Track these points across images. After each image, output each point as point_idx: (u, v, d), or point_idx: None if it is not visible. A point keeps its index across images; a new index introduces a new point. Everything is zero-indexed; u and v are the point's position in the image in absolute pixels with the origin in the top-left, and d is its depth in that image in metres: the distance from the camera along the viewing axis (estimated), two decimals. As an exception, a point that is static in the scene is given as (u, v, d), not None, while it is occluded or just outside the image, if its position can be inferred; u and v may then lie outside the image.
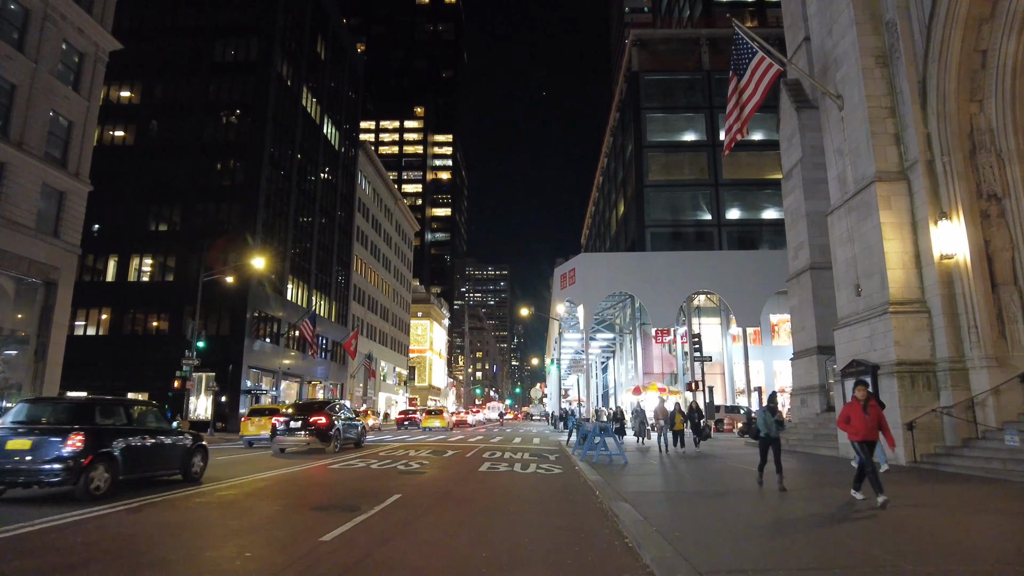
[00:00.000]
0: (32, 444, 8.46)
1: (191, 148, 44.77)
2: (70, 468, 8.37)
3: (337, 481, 10.75)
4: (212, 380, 41.79)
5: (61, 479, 8.38)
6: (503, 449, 19.53)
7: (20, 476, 8.39)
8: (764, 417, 9.48)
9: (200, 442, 11.30)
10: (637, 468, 12.74)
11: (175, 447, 10.55)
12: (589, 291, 37.55)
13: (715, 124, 44.93)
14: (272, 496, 9.07)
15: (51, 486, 8.55)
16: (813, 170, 21.27)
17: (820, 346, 19.97)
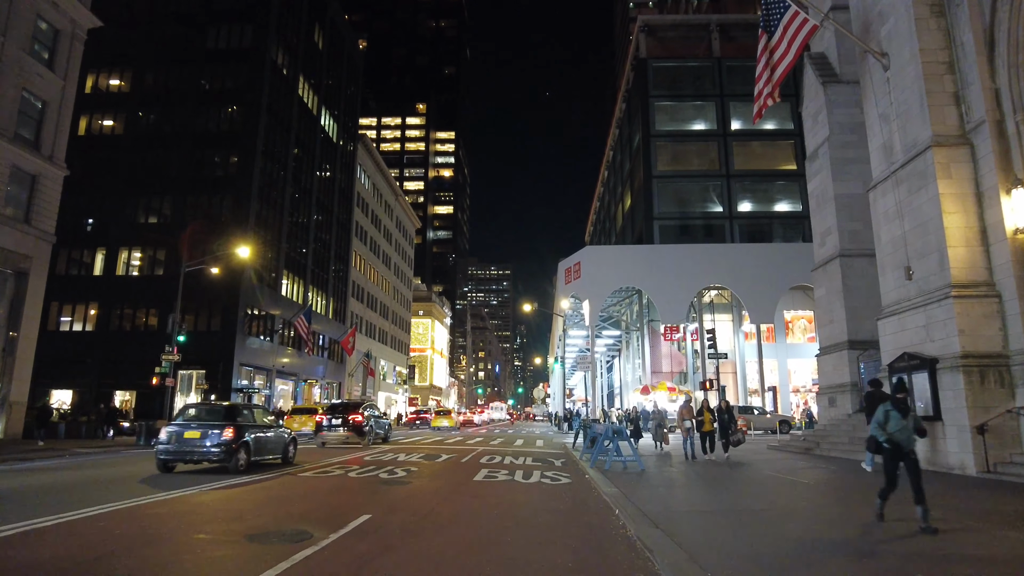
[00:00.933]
0: (201, 434, 11.98)
1: (182, 138, 43.15)
2: (226, 450, 11.90)
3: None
4: (202, 378, 40.22)
5: (220, 458, 11.93)
6: (503, 453, 17.80)
7: (194, 456, 11.96)
8: (889, 417, 6.43)
9: (293, 435, 15.00)
10: (660, 478, 11.08)
11: (280, 438, 14.24)
12: (595, 286, 35.82)
13: (726, 113, 43.17)
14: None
15: (212, 463, 12.19)
16: (842, 149, 19.54)
17: (851, 340, 18.22)
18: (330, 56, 58.89)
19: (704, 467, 12.95)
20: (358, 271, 65.73)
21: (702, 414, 14.69)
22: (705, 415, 14.67)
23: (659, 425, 16.22)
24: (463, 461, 14.85)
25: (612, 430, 12.49)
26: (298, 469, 12.78)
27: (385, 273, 77.41)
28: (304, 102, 52.23)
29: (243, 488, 9.66)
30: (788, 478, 10.70)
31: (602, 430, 13.39)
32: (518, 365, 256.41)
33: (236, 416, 12.83)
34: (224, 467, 12.07)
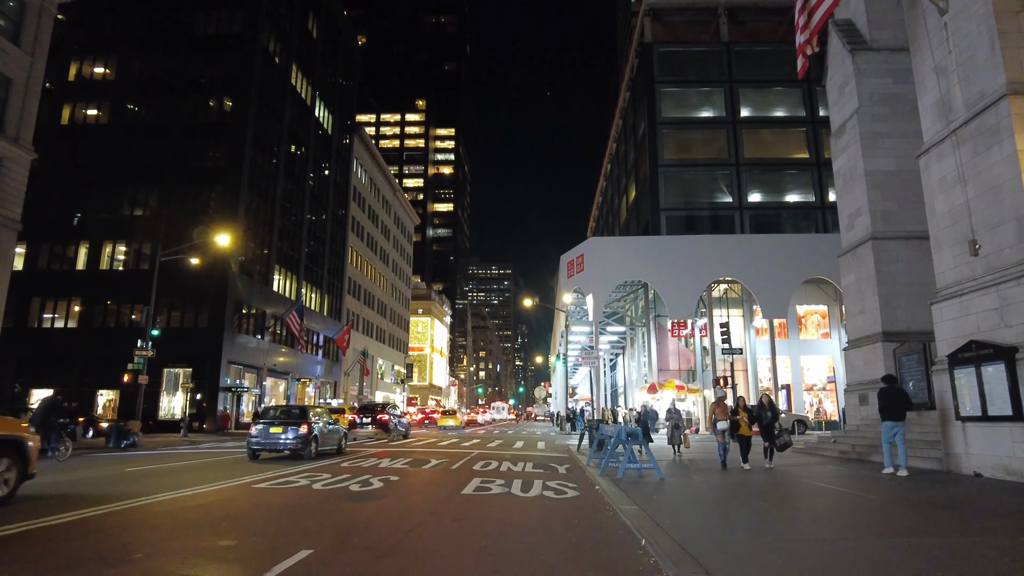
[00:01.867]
0: (283, 429, 15.40)
1: (169, 127, 41.45)
2: (302, 442, 15.32)
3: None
4: (188, 376, 38.51)
5: (299, 448, 15.30)
6: (500, 457, 16.03)
7: (277, 446, 15.38)
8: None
9: (346, 430, 18.36)
10: (687, 491, 9.28)
11: (336, 432, 17.74)
12: (599, 279, 34.05)
13: (735, 99, 41.35)
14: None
15: (291, 452, 15.38)
16: (872, 122, 17.76)
17: (886, 331, 16.44)
18: (325, 46, 57.18)
19: (740, 477, 10.92)
20: (354, 267, 64.00)
21: (737, 414, 12.38)
22: (740, 415, 12.27)
23: (676, 426, 14.35)
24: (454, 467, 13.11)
25: (625, 432, 10.71)
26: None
27: (383, 270, 75.68)
28: (297, 92, 50.52)
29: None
30: (846, 491, 8.89)
31: (612, 432, 11.63)
32: (519, 365, 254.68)
33: (308, 416, 16.42)
34: (299, 455, 15.52)
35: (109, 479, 10.50)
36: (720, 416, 12.67)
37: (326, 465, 13.55)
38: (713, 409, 12.92)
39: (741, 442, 12.45)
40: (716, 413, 12.75)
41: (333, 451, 17.40)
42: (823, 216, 39.82)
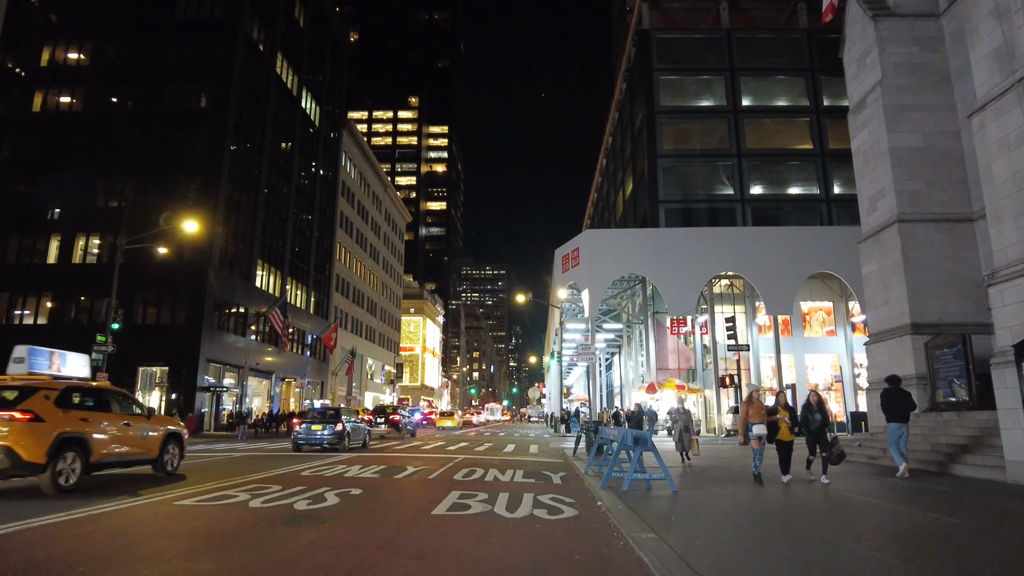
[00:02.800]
0: (323, 427, 19.67)
1: (147, 116, 39.67)
2: (338, 437, 19.66)
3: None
4: (164, 376, 36.70)
5: (335, 442, 19.53)
6: (487, 463, 14.35)
7: (319, 441, 19.53)
8: None
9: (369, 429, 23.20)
10: (713, 510, 7.50)
11: (362, 430, 22.09)
12: (595, 273, 32.41)
13: (736, 88, 39.82)
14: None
15: (329, 445, 19.44)
16: (897, 95, 16.19)
17: (915, 323, 14.86)
18: (313, 36, 55.40)
19: (779, 493, 9.04)
20: (343, 264, 62.18)
21: (775, 411, 10.06)
22: (780, 415, 9.96)
23: (686, 429, 12.63)
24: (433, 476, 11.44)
25: (632, 436, 9.05)
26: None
27: (373, 267, 73.87)
28: (283, 82, 48.75)
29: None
30: (915, 512, 7.16)
31: (615, 436, 9.98)
32: (513, 366, 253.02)
33: (341, 416, 20.50)
34: (335, 448, 19.36)
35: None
36: (755, 418, 10.08)
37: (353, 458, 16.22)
38: (745, 409, 10.20)
39: (780, 449, 10.32)
40: (749, 414, 10.12)
41: (359, 445, 21.50)
42: (828, 209, 38.34)
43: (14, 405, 8.56)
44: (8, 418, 8.37)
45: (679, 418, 13.18)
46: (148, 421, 10.97)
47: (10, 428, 8.31)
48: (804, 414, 10.52)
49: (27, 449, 8.33)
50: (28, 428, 8.45)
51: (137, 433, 10.49)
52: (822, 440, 10.16)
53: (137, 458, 10.57)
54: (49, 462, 8.54)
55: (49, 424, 8.68)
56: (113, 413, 10.23)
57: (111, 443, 9.85)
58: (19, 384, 9.07)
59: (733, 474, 11.48)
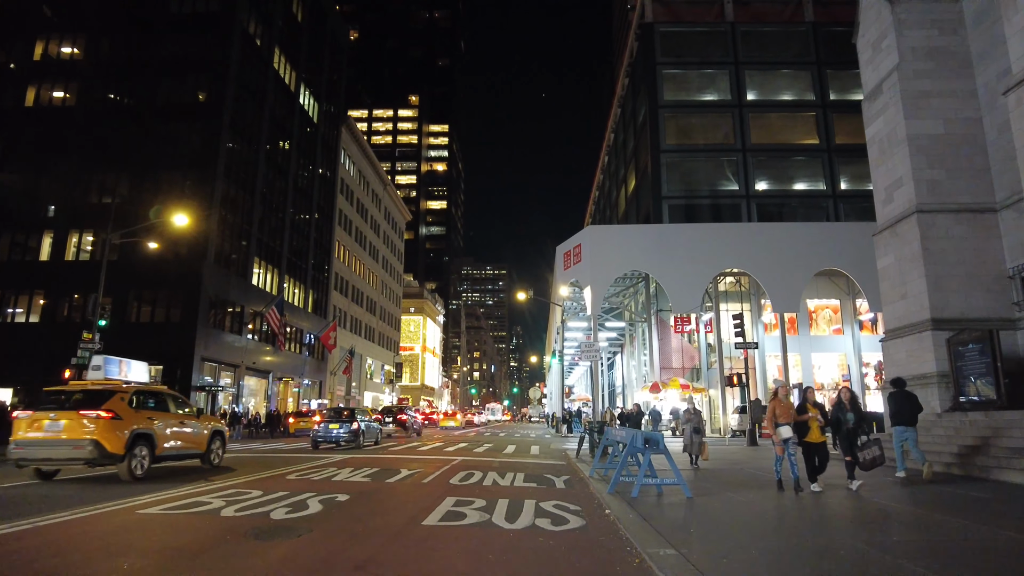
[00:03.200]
0: (339, 426, 21.03)
1: (142, 111, 38.94)
2: (353, 435, 20.99)
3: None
4: (159, 374, 35.99)
5: (350, 440, 20.93)
6: (487, 466, 13.65)
7: (336, 439, 20.80)
8: None
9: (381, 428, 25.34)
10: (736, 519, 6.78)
11: (375, 429, 24.14)
12: (598, 270, 31.72)
13: (741, 82, 39.09)
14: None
15: (346, 443, 20.82)
16: (915, 80, 15.48)
17: (936, 319, 14.16)
18: (311, 32, 54.73)
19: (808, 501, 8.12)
20: (342, 262, 61.50)
21: (803, 409, 8.95)
22: (810, 412, 8.86)
23: (696, 430, 11.86)
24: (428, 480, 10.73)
25: (642, 438, 8.35)
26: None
27: (372, 266, 73.19)
28: (281, 78, 48.08)
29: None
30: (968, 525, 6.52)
31: (624, 437, 9.27)
32: (514, 366, 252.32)
33: (356, 415, 21.89)
34: (351, 445, 20.78)
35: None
36: (784, 417, 8.84)
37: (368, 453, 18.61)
38: (773, 408, 8.94)
39: (809, 452, 9.03)
40: (776, 413, 8.88)
41: (372, 444, 23.04)
42: (835, 205, 37.62)
43: (99, 405, 10.23)
44: (95, 416, 10.05)
45: (690, 418, 12.43)
46: (197, 420, 12.70)
47: (96, 424, 10.00)
48: (835, 414, 9.54)
49: (110, 442, 10.05)
50: (110, 425, 10.11)
51: (190, 430, 12.24)
52: (852, 442, 9.25)
53: (190, 452, 12.22)
54: (127, 453, 10.26)
55: (125, 421, 10.40)
56: (171, 413, 11.88)
57: (171, 438, 11.58)
58: (101, 388, 10.80)
59: (749, 478, 10.76)
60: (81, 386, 11.23)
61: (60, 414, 10.20)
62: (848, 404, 9.46)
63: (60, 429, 10.04)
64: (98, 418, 10.02)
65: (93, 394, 10.53)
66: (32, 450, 10.06)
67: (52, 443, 10.01)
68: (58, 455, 10.06)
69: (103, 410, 10.13)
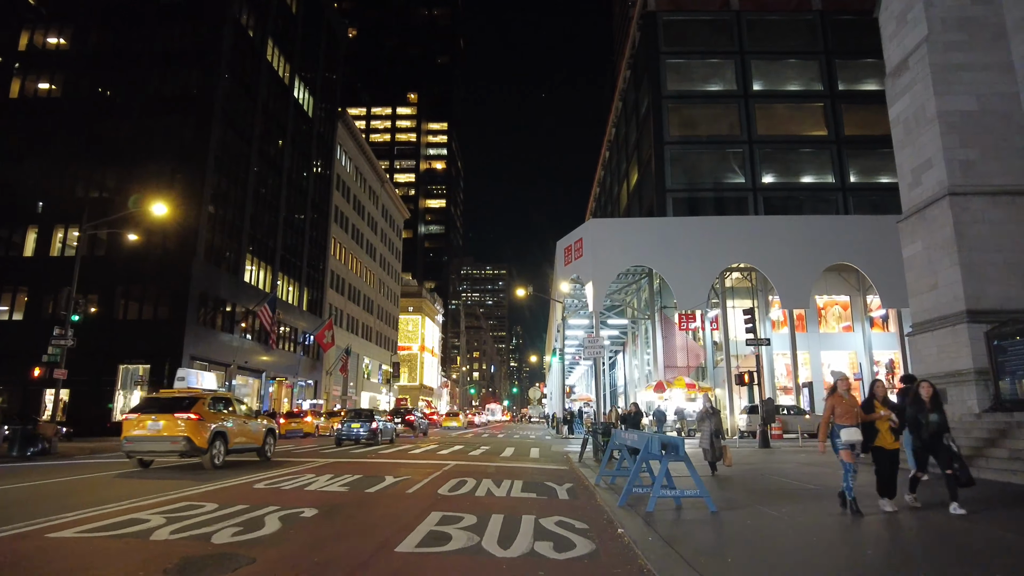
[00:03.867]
0: (360, 425, 23.19)
1: (130, 103, 37.85)
2: (372, 433, 22.93)
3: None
4: (146, 373, 34.85)
5: (369, 438, 22.85)
6: (481, 471, 12.49)
7: (356, 436, 22.79)
8: None
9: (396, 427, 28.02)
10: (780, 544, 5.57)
11: (390, 428, 26.35)
12: (600, 265, 30.55)
13: (747, 72, 37.93)
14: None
15: (364, 440, 22.78)
16: (946, 52, 14.32)
17: (972, 310, 12.99)
18: (307, 25, 53.53)
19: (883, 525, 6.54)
20: (338, 260, 60.31)
21: (873, 410, 7.16)
22: (878, 411, 7.09)
23: (716, 433, 10.59)
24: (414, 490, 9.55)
25: (659, 443, 7.18)
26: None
27: (369, 264, 71.99)
28: (274, 70, 46.92)
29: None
30: None
31: (636, 441, 8.11)
32: (514, 366, 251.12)
33: (375, 415, 24.50)
34: (370, 443, 22.83)
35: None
36: (845, 418, 7.06)
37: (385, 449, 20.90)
38: (831, 407, 7.20)
39: (880, 461, 7.30)
40: (836, 413, 7.15)
41: (388, 441, 24.90)
42: (844, 198, 36.45)
43: (188, 409, 12.79)
44: (187, 418, 12.58)
45: (707, 419, 11.17)
46: (255, 419, 15.53)
47: (187, 424, 12.51)
48: (912, 413, 7.52)
49: (197, 438, 12.52)
50: (197, 425, 12.60)
51: (251, 428, 14.91)
52: (940, 450, 7.18)
53: (250, 447, 14.84)
54: (209, 447, 12.78)
55: (207, 422, 12.91)
56: (236, 414, 14.50)
57: (238, 435, 14.18)
58: (188, 395, 13.61)
59: (778, 487, 9.52)
60: (172, 393, 14.21)
61: (159, 416, 12.80)
62: (929, 402, 7.40)
63: (160, 428, 12.64)
64: (188, 419, 12.60)
65: (182, 400, 13.15)
66: (138, 444, 12.68)
67: (154, 439, 12.61)
68: (159, 448, 12.65)
69: (192, 413, 12.72)
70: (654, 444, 7.13)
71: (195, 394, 13.67)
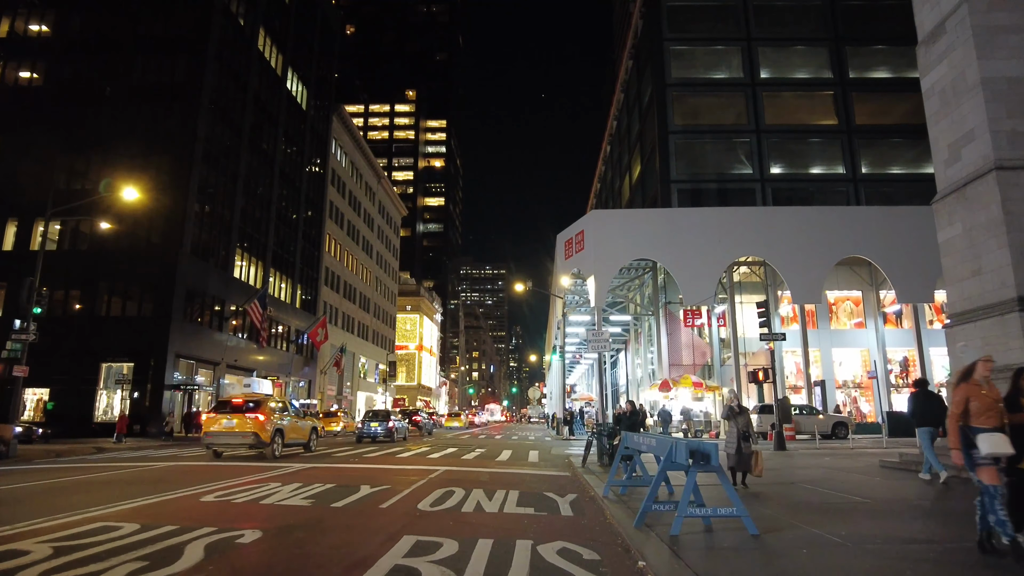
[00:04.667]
0: (378, 424, 26.23)
1: (114, 91, 36.43)
2: (389, 433, 25.96)
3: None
4: (130, 372, 33.42)
5: (387, 435, 25.92)
6: (473, 479, 11.07)
7: (373, 435, 25.80)
8: None
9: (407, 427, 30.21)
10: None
11: (404, 427, 28.76)
12: (602, 258, 29.17)
13: (754, 59, 36.55)
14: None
15: (382, 439, 25.80)
16: (989, 12, 12.92)
17: (1023, 297, 11.59)
18: (300, 14, 52.13)
19: None
20: (333, 256, 58.89)
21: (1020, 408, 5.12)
22: None
23: (745, 436, 9.00)
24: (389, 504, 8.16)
25: (687, 449, 5.78)
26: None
27: (366, 261, 70.54)
28: (266, 60, 45.51)
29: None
30: None
31: (654, 446, 6.71)
32: (513, 366, 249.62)
33: (391, 416, 27.37)
34: (387, 440, 25.70)
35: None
36: (985, 418, 5.04)
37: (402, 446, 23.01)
38: (963, 400, 5.15)
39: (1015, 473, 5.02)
40: (972, 409, 5.10)
41: (402, 439, 27.37)
42: (855, 190, 35.07)
43: (255, 410, 15.84)
44: (254, 417, 15.57)
45: (734, 419, 9.52)
46: (301, 419, 18.57)
47: (254, 422, 15.48)
48: None
49: (263, 434, 15.53)
50: (262, 423, 15.61)
51: (300, 426, 17.98)
52: None
53: (299, 442, 17.98)
54: (272, 441, 15.78)
55: (269, 420, 15.85)
56: (288, 413, 17.52)
57: (291, 432, 17.08)
58: (255, 398, 16.58)
59: (822, 500, 8.04)
60: (244, 397, 16.92)
61: (232, 415, 15.75)
62: None
63: (233, 425, 15.52)
64: (255, 419, 15.57)
65: (251, 402, 16.15)
66: (216, 438, 15.61)
67: (228, 434, 15.49)
68: (232, 442, 15.56)
69: (259, 413, 15.74)
70: (680, 452, 5.71)
71: (259, 397, 16.88)
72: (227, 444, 15.54)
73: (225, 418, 15.56)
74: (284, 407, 17.38)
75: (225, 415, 15.69)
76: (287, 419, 16.86)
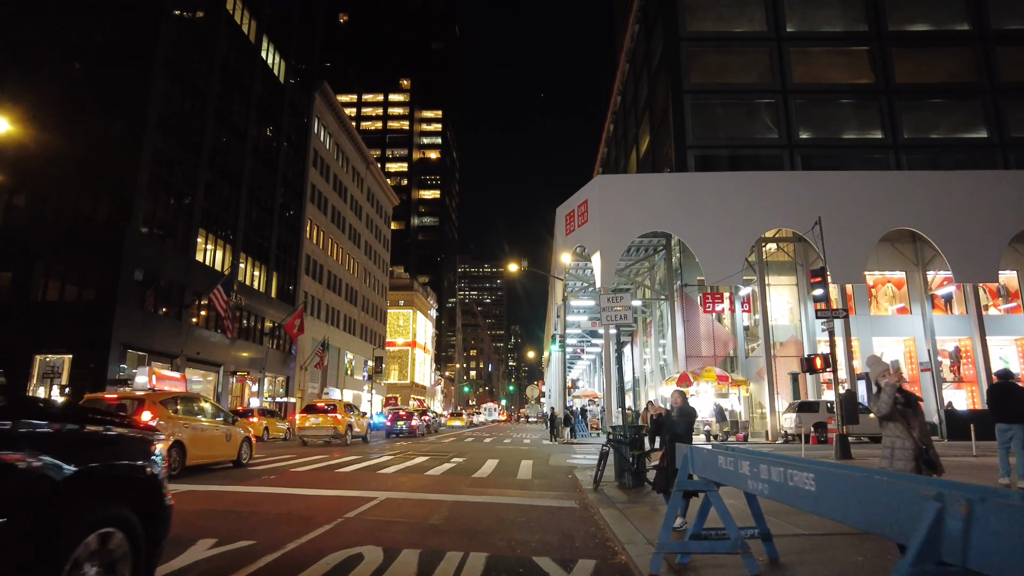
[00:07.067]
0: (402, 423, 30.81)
1: (54, 48, 32.20)
2: (411, 429, 31.06)
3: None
4: (68, 365, 29.19)
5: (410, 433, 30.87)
6: (421, 519, 6.91)
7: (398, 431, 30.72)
8: None
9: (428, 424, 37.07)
10: None
11: (422, 425, 34.16)
12: (609, 231, 24.94)
13: (779, 10, 32.30)
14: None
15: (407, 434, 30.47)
16: None
17: None
18: (276, -22, 47.85)
19: None
20: (315, 243, 54.62)
21: None
22: None
23: (925, 447, 4.52)
24: None
25: None
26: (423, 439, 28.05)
27: (353, 251, 66.22)
28: (237, 25, 41.26)
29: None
30: None
31: (775, 484, 2.54)
32: (512, 365, 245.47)
33: (414, 415, 32.46)
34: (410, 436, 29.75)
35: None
36: None
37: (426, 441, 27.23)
38: None
39: None
40: None
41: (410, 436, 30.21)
42: (896, 156, 30.85)
43: (334, 411, 22.81)
44: (333, 416, 22.47)
45: (899, 415, 4.81)
46: (362, 416, 26.50)
47: (334, 420, 22.39)
48: None
49: (340, 429, 22.14)
50: (339, 420, 22.44)
51: (362, 422, 25.57)
52: None
53: (361, 435, 24.74)
54: (345, 433, 22.53)
55: (344, 418, 22.78)
56: (354, 412, 25.02)
57: (356, 426, 23.89)
58: (333, 401, 24.63)
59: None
60: (325, 402, 23.88)
61: (317, 415, 22.42)
62: None
63: (319, 422, 22.04)
64: (334, 417, 22.13)
65: (331, 405, 23.06)
66: (307, 432, 22.10)
67: (315, 429, 21.98)
68: (319, 434, 21.94)
69: (337, 413, 22.45)
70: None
71: (335, 401, 23.38)
72: (315, 436, 22.27)
73: (313, 417, 22.66)
74: (350, 406, 22.74)
75: (312, 415, 22.87)
76: (354, 418, 23.40)
